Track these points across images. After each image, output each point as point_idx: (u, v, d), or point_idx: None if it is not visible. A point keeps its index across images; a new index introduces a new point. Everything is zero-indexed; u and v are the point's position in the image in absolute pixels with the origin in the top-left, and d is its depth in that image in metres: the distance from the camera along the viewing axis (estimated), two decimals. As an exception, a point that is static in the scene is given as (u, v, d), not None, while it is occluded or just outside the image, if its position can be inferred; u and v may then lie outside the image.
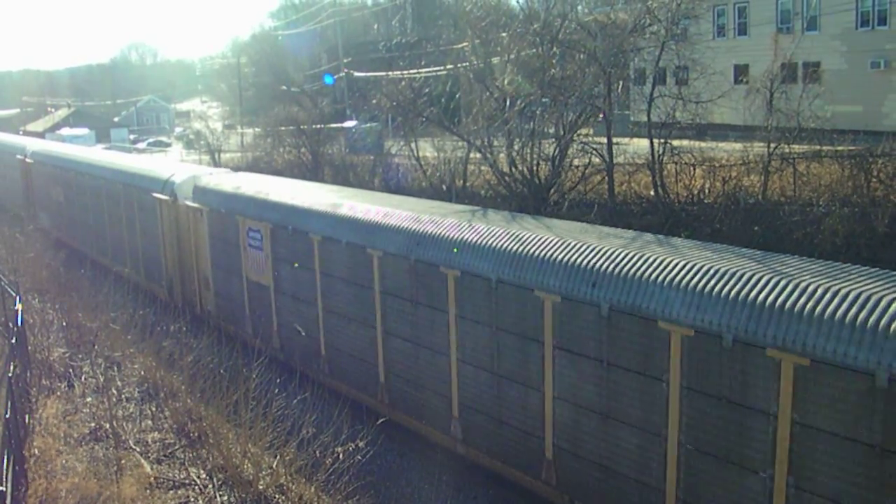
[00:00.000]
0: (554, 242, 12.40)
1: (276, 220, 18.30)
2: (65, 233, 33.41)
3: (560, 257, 11.96)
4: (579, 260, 11.72)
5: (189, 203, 22.19)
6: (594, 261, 11.54)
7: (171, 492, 13.17)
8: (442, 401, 14.19)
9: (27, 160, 37.00)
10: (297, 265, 17.70)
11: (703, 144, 28.32)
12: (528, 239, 12.78)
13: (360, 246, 15.58)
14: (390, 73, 41.02)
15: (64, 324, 21.28)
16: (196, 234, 22.20)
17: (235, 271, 20.32)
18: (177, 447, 14.74)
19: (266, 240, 18.68)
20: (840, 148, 25.17)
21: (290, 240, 17.82)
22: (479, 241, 13.34)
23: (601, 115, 25.89)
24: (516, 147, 26.50)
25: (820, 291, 9.18)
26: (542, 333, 12.06)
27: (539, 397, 12.28)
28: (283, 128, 43.84)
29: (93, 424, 15.51)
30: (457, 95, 37.32)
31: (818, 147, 25.49)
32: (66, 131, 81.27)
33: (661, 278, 10.60)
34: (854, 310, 8.78)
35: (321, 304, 17.06)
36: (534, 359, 12.27)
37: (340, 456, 12.43)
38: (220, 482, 13.33)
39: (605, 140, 25.49)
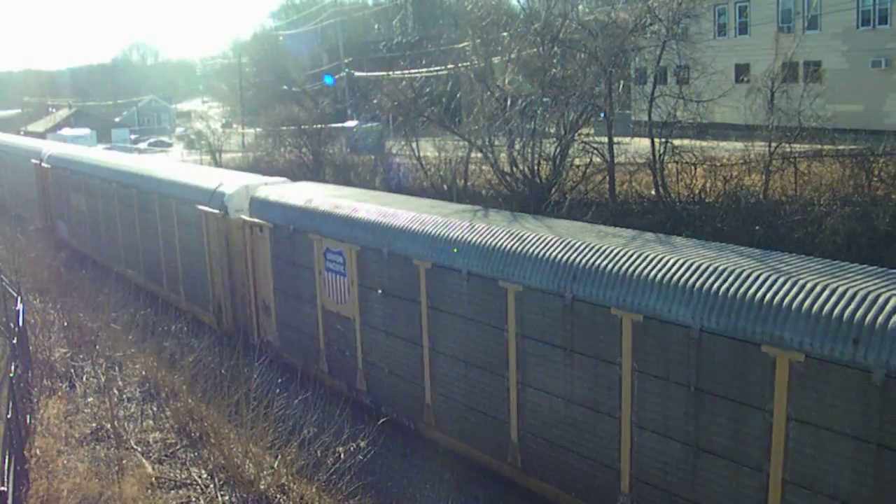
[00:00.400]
0: (782, 283, 9.59)
1: (367, 241, 15.46)
2: (87, 245, 30.86)
3: (804, 304, 9.21)
4: (832, 308, 8.99)
5: (245, 218, 19.56)
6: (858, 310, 8.83)
7: (173, 492, 13.18)
8: (605, 472, 11.61)
9: (44, 165, 34.33)
10: (394, 296, 14.94)
11: (704, 144, 28.31)
12: (741, 276, 9.99)
13: (488, 277, 12.86)
14: (391, 72, 40.99)
15: (65, 324, 21.30)
16: (254, 253, 19.58)
17: (307, 298, 17.58)
18: (178, 447, 14.75)
19: (351, 264, 15.90)
20: (841, 147, 25.19)
21: (385, 265, 15.06)
22: (672, 279, 10.49)
23: (602, 115, 25.88)
24: (517, 147, 26.51)
25: None
26: (769, 400, 9.48)
27: (761, 479, 9.69)
28: (284, 128, 43.90)
29: (94, 424, 15.52)
30: (458, 95, 37.29)
31: (819, 146, 25.50)
32: (67, 131, 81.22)
33: None
34: None
35: (427, 344, 14.31)
36: (755, 430, 9.68)
37: (342, 456, 12.45)
38: (221, 482, 13.33)
39: (605, 139, 25.48)
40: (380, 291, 15.16)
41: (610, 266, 11.32)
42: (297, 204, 18.05)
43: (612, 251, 11.56)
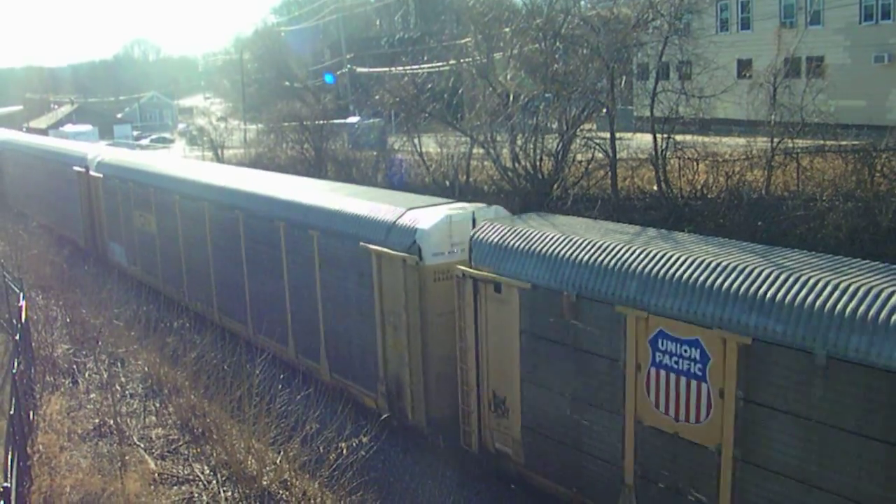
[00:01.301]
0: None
1: (766, 329, 9.56)
2: (156, 276, 24.89)
3: None
4: None
5: (469, 270, 13.43)
6: None
7: (175, 487, 13.22)
8: None
9: (91, 174, 28.91)
10: (835, 426, 9.10)
11: (706, 139, 28.31)
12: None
13: None
14: (393, 68, 41.02)
15: (68, 320, 21.35)
16: (482, 322, 13.47)
17: (601, 404, 11.76)
18: (180, 443, 14.79)
19: (723, 364, 10.05)
20: (843, 142, 25.16)
21: (815, 374, 9.18)
22: None
23: (604, 110, 25.88)
24: (519, 142, 26.53)
25: None
26: None
27: None
28: (285, 124, 43.95)
29: (97, 420, 15.56)
30: (459, 91, 37.28)
31: (822, 142, 25.46)
32: (69, 128, 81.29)
33: None
34: None
35: None
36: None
37: (344, 451, 12.46)
38: (223, 478, 13.37)
39: (608, 135, 25.49)
40: (795, 416, 9.49)
41: None
42: (584, 257, 11.93)
43: None
